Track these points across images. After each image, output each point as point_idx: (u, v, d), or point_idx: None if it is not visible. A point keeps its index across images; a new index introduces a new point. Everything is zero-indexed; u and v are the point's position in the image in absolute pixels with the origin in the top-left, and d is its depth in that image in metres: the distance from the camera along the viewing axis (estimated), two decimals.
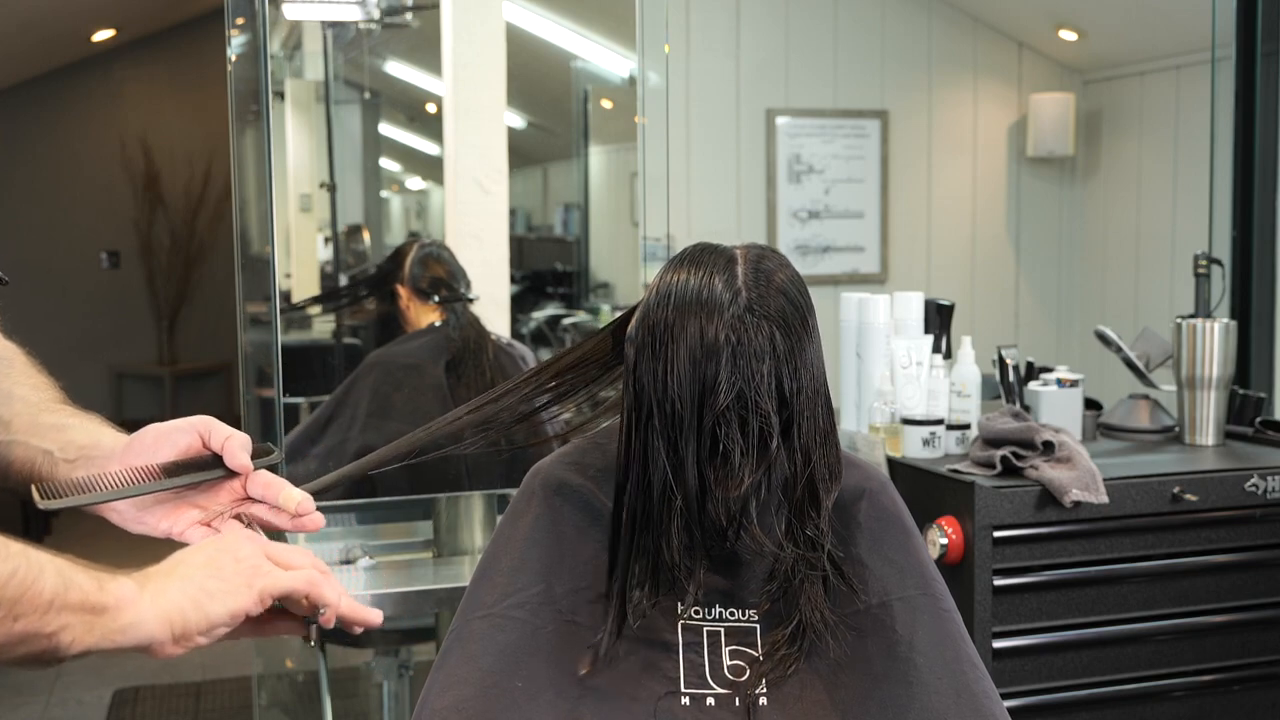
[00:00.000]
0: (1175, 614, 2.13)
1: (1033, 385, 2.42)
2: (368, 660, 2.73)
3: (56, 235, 7.06)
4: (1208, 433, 2.41)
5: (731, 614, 1.24)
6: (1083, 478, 2.03)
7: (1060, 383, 2.40)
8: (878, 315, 2.30)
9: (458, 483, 2.26)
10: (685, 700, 1.20)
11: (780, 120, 4.84)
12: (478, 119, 2.58)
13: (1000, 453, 2.08)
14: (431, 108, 3.15)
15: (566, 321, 3.93)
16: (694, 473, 1.16)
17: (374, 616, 1.01)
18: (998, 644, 2.04)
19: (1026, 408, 2.37)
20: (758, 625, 1.24)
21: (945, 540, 2.03)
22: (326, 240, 3.48)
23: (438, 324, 2.45)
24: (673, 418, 1.15)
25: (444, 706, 1.18)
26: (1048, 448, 2.08)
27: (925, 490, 2.13)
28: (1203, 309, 2.51)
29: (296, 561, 0.98)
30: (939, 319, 2.45)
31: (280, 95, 3.52)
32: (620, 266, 4.18)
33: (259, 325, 2.41)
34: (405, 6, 2.90)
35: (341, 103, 3.50)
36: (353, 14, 2.73)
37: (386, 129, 3.86)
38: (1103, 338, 2.56)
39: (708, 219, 4.72)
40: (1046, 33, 5.01)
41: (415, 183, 4.17)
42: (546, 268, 4.26)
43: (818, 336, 1.21)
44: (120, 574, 0.89)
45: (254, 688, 3.31)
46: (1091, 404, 2.47)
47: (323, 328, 3.04)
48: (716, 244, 1.24)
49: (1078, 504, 2.03)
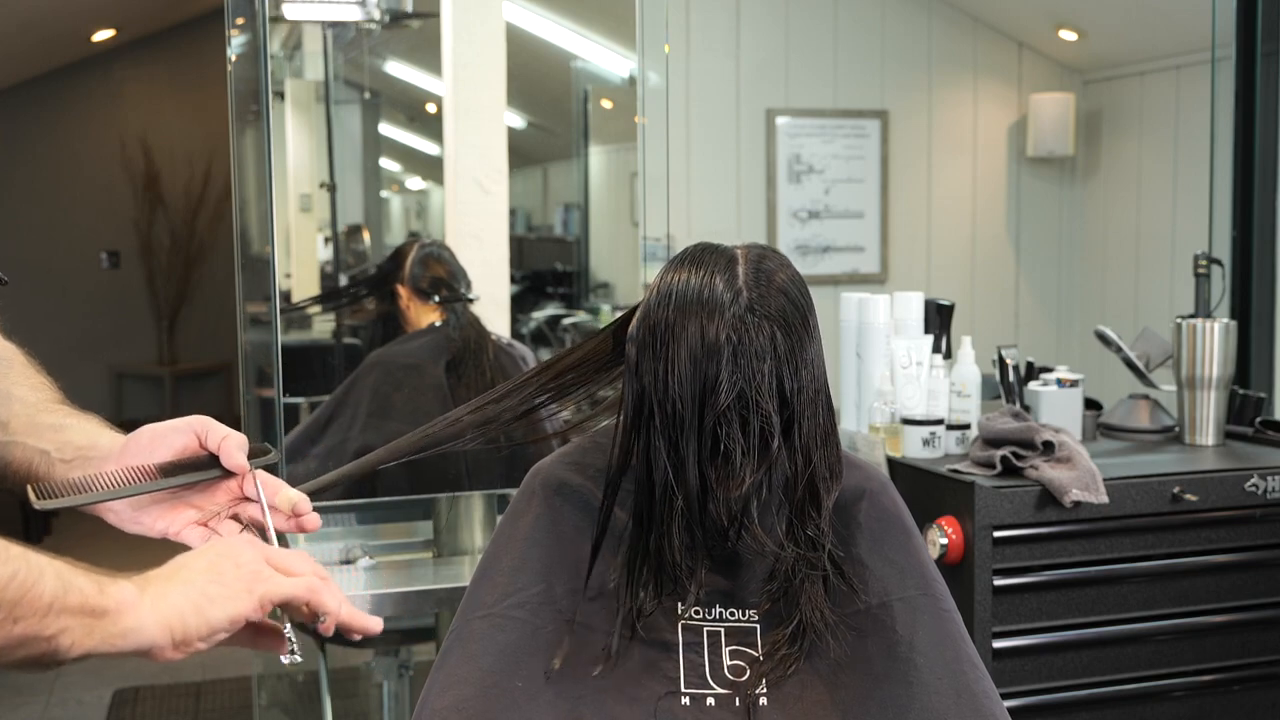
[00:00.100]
0: (1175, 614, 2.13)
1: (1033, 385, 2.42)
2: (368, 660, 2.73)
3: (56, 235, 7.05)
4: (1208, 433, 2.41)
5: (732, 614, 1.24)
6: (1083, 478, 2.03)
7: (1060, 383, 2.40)
8: (878, 315, 2.30)
9: (458, 483, 2.25)
10: (685, 700, 1.20)
11: (780, 120, 4.84)
12: (478, 119, 2.58)
13: (1000, 453, 2.08)
14: (431, 108, 3.15)
15: (566, 321, 3.93)
16: (695, 473, 1.16)
17: (374, 624, 1.00)
18: (998, 644, 2.04)
19: (1026, 408, 2.37)
20: (758, 625, 1.24)
21: (945, 540, 2.03)
22: (326, 240, 3.48)
23: (438, 324, 2.45)
24: (674, 417, 1.15)
25: (444, 706, 1.18)
26: (1048, 448, 2.08)
27: (925, 490, 2.13)
28: (1203, 309, 2.51)
29: (297, 568, 0.97)
30: (939, 319, 2.45)
31: (280, 95, 3.52)
32: (620, 266, 4.18)
33: (259, 325, 2.41)
34: (405, 14, 2.90)
35: (341, 103, 3.50)
36: (353, 14, 2.73)
37: (386, 129, 3.86)
38: (1103, 338, 2.56)
39: (708, 219, 4.72)
40: (1046, 33, 5.01)
41: (415, 183, 4.17)
42: (546, 268, 4.26)
43: (818, 336, 1.21)
44: (121, 577, 0.89)
45: (254, 688, 3.31)
46: (1091, 404, 2.47)
47: (323, 328, 3.04)
48: (717, 244, 1.24)
49: (1078, 504, 2.03)
